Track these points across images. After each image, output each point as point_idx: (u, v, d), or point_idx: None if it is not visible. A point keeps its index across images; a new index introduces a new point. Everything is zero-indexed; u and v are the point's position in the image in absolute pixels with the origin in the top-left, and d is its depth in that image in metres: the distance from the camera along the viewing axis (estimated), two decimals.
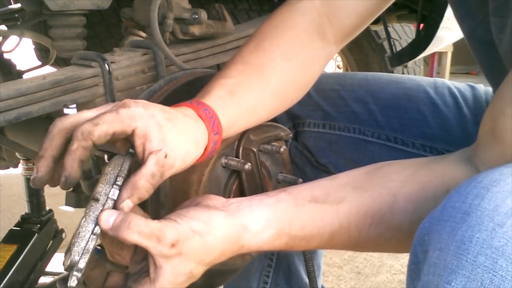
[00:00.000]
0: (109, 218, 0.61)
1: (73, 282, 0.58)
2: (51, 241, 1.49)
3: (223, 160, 0.90)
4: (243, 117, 0.81)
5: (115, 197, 0.62)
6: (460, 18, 0.92)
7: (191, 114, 0.72)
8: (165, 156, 0.64)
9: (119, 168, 0.64)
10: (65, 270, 0.60)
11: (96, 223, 0.61)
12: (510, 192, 0.51)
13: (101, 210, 0.62)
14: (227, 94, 0.77)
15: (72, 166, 0.61)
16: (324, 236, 0.71)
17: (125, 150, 0.67)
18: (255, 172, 0.93)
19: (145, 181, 0.63)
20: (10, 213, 2.54)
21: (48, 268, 1.50)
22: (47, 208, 1.57)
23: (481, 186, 0.53)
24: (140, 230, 0.61)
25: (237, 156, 0.90)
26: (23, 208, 1.57)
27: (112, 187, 0.63)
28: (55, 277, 1.58)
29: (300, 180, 0.98)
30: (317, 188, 0.75)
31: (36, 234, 1.44)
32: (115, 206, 0.63)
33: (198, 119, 0.72)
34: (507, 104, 0.64)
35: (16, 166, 1.58)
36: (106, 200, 0.62)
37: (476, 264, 0.48)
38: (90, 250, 0.60)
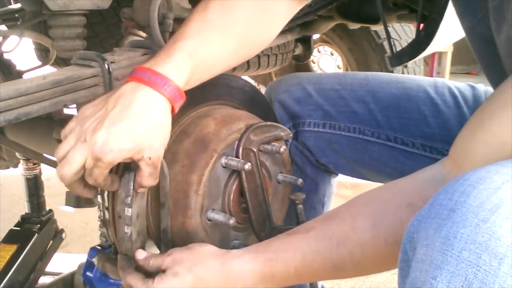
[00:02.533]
0: (142, 256, 0.84)
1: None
2: (51, 241, 1.49)
3: (223, 160, 0.90)
4: (199, 74, 0.85)
5: (129, 214, 0.81)
6: (461, 14, 0.92)
7: (151, 95, 0.77)
8: (149, 158, 0.77)
9: (126, 188, 0.80)
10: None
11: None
12: (496, 189, 0.52)
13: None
14: (187, 58, 0.81)
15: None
16: (297, 257, 0.78)
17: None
18: (255, 172, 0.93)
19: (146, 179, 0.79)
20: (10, 213, 2.53)
21: (48, 268, 1.50)
22: (47, 208, 1.57)
23: (467, 183, 0.53)
24: (153, 261, 0.82)
25: (237, 156, 0.90)
26: (23, 208, 1.57)
27: (126, 207, 0.81)
28: (55, 277, 1.58)
29: (300, 180, 0.98)
30: (295, 226, 0.86)
31: (36, 234, 1.44)
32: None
33: (159, 98, 0.77)
34: (496, 110, 0.65)
35: (16, 166, 1.58)
36: (125, 217, 0.82)
37: (461, 259, 0.49)
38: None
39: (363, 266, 0.76)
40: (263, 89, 2.16)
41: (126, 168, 0.81)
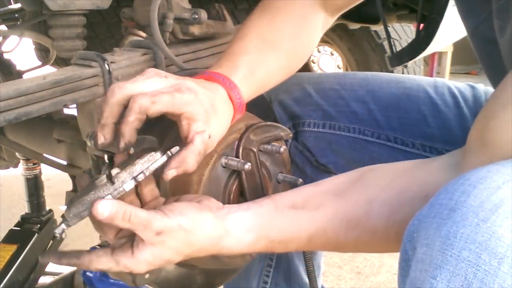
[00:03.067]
0: (104, 210, 0.65)
1: (59, 231, 0.68)
2: (51, 241, 1.49)
3: (223, 160, 0.90)
4: (256, 92, 0.89)
5: (127, 190, 0.68)
6: (464, 14, 0.92)
7: (225, 97, 0.80)
8: (209, 137, 0.74)
9: (147, 166, 0.69)
10: (61, 216, 0.70)
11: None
12: (496, 189, 0.52)
13: (102, 198, 0.66)
14: (249, 73, 0.85)
15: (131, 135, 0.70)
16: (302, 239, 0.75)
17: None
18: (255, 172, 0.93)
19: (193, 157, 0.72)
20: (10, 213, 2.53)
21: (48, 268, 1.50)
22: (47, 208, 1.57)
23: (468, 183, 0.53)
24: (131, 220, 0.66)
25: (237, 156, 0.90)
26: (23, 208, 1.57)
27: (131, 180, 0.68)
28: (55, 277, 1.58)
29: (300, 180, 0.98)
30: (298, 195, 0.80)
31: (36, 234, 1.44)
32: (161, 172, 0.70)
33: (229, 102, 0.81)
34: (499, 108, 0.64)
35: (16, 166, 1.58)
36: (119, 188, 0.67)
37: (460, 259, 0.49)
38: (83, 217, 0.67)
39: (364, 248, 0.76)
40: None
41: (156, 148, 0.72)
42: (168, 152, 0.72)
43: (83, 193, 0.69)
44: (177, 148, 0.72)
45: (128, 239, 0.72)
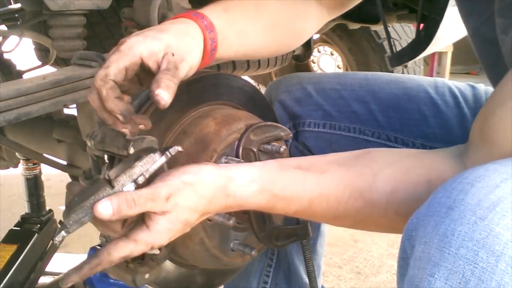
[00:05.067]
0: (107, 210, 0.65)
1: (58, 238, 0.67)
2: (51, 241, 1.49)
3: (223, 160, 0.89)
4: (235, 34, 0.86)
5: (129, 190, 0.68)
6: (465, 15, 0.92)
7: (181, 20, 0.80)
8: (173, 55, 0.74)
9: (147, 167, 0.70)
10: (59, 223, 0.66)
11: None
12: (494, 187, 0.52)
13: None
14: (221, 10, 0.85)
15: (117, 105, 0.71)
16: (304, 200, 0.74)
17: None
18: None
19: (163, 74, 0.72)
20: (10, 213, 2.53)
21: (48, 268, 1.50)
22: (47, 208, 1.57)
23: (466, 181, 0.54)
24: (137, 203, 0.66)
25: (237, 156, 0.90)
26: (23, 208, 1.56)
27: (131, 183, 0.68)
28: (55, 277, 1.58)
29: None
30: (305, 159, 0.80)
31: (36, 234, 1.44)
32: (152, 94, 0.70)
33: (188, 21, 0.80)
34: (498, 105, 0.64)
35: (16, 166, 1.58)
36: (119, 192, 0.67)
37: (458, 256, 0.50)
38: (83, 223, 0.67)
39: (362, 224, 0.76)
40: (263, 89, 2.16)
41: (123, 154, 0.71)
42: (167, 153, 0.72)
43: (81, 198, 0.67)
44: (175, 148, 0.72)
45: (137, 221, 0.70)
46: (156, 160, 0.71)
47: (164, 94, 0.70)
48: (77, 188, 0.75)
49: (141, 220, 0.70)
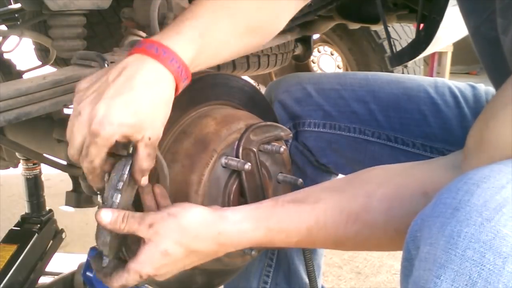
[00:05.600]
0: (107, 217, 0.73)
1: (104, 263, 0.77)
2: (51, 241, 1.49)
3: (223, 160, 0.89)
4: (207, 56, 0.82)
5: (117, 200, 0.74)
6: (466, 14, 0.92)
7: (157, 70, 0.73)
8: (149, 139, 0.72)
9: (120, 173, 0.74)
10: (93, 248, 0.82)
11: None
12: (500, 188, 0.52)
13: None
14: (197, 37, 0.78)
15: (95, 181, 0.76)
16: (302, 231, 0.75)
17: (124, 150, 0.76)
18: (255, 172, 0.93)
19: (145, 162, 0.73)
20: (10, 213, 2.53)
21: (48, 268, 1.50)
22: (47, 208, 1.56)
23: (471, 182, 0.53)
24: (128, 221, 0.73)
25: (237, 156, 0.90)
26: (23, 208, 1.56)
27: (115, 192, 0.74)
28: (55, 277, 1.58)
29: (300, 180, 0.98)
30: (299, 192, 0.81)
31: (36, 234, 1.44)
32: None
33: (165, 73, 0.73)
34: (499, 109, 0.64)
35: (16, 166, 1.57)
36: (112, 204, 0.74)
37: (465, 258, 0.49)
38: (108, 241, 0.76)
39: (363, 245, 0.76)
40: (263, 89, 2.16)
41: (123, 154, 0.76)
42: (130, 151, 0.75)
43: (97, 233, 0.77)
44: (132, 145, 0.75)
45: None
46: (124, 164, 0.75)
47: (145, 182, 0.76)
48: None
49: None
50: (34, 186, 1.54)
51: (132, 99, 0.69)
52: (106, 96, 0.68)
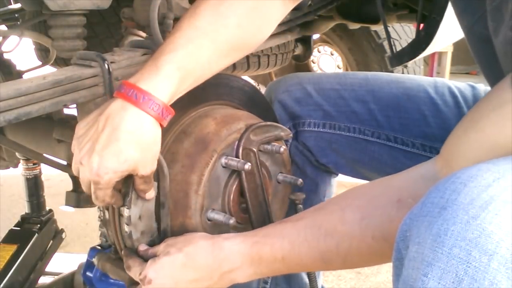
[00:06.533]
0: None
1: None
2: (51, 241, 1.49)
3: (223, 160, 0.90)
4: (187, 84, 0.83)
5: (128, 214, 0.83)
6: (459, 13, 0.92)
7: (138, 116, 0.76)
8: (143, 175, 0.79)
9: (125, 191, 0.82)
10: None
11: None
12: (486, 187, 0.52)
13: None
14: (176, 71, 0.79)
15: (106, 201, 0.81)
16: (285, 244, 0.79)
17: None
18: (255, 172, 0.93)
19: (142, 186, 0.81)
20: (10, 213, 2.53)
21: (48, 268, 1.50)
22: (47, 208, 1.57)
23: (458, 181, 0.54)
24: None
25: (237, 156, 0.90)
26: (23, 208, 1.57)
27: (125, 208, 0.83)
28: (55, 277, 1.58)
29: (300, 180, 0.98)
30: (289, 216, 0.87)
31: (36, 234, 1.44)
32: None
33: (146, 118, 0.76)
34: (469, 126, 0.66)
35: (16, 166, 1.58)
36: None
37: (451, 256, 0.50)
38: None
39: (350, 259, 0.77)
40: (263, 89, 2.16)
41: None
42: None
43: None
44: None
45: None
46: (130, 182, 0.81)
47: (151, 196, 0.84)
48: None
49: None
50: (34, 186, 1.55)
51: (119, 150, 0.75)
52: (97, 148, 0.75)
